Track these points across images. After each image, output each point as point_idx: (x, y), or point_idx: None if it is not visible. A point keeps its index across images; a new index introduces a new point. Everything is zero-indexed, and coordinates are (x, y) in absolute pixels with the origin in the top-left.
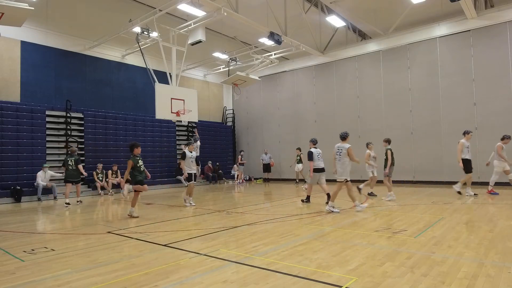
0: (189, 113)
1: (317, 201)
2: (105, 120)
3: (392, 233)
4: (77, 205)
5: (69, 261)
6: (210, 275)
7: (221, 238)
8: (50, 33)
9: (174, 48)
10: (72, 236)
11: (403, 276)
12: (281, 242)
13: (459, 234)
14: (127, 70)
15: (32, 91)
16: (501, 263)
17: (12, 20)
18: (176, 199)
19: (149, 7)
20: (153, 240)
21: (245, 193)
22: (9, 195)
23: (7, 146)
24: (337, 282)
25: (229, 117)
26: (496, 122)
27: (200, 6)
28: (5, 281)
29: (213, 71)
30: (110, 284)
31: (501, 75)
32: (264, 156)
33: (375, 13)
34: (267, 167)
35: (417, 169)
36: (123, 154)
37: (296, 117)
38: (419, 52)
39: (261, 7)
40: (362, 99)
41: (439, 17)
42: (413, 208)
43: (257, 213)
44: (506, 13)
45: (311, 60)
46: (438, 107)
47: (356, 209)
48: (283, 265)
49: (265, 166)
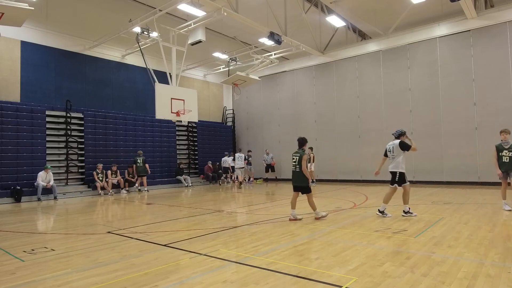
0: (189, 113)
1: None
2: (105, 120)
3: (392, 233)
4: (144, 193)
5: (69, 261)
6: (210, 275)
7: (221, 238)
8: (50, 33)
9: (174, 48)
10: (72, 236)
11: (403, 276)
12: (281, 242)
13: (459, 234)
14: (127, 70)
15: (32, 91)
16: (501, 263)
17: (12, 20)
18: (176, 199)
19: (149, 7)
20: (153, 240)
21: (245, 194)
22: (9, 195)
23: (7, 146)
24: (337, 282)
25: (229, 117)
26: (496, 122)
27: (200, 6)
28: (5, 281)
29: (213, 71)
30: (110, 284)
31: (501, 75)
32: (266, 156)
33: (375, 13)
34: (270, 167)
35: (417, 169)
36: (123, 154)
37: (296, 117)
38: (419, 52)
39: (261, 7)
40: (362, 99)
41: (439, 17)
42: (413, 208)
43: (257, 213)
44: (506, 13)
45: (311, 60)
46: (438, 107)
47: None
48: (283, 265)
49: (268, 167)
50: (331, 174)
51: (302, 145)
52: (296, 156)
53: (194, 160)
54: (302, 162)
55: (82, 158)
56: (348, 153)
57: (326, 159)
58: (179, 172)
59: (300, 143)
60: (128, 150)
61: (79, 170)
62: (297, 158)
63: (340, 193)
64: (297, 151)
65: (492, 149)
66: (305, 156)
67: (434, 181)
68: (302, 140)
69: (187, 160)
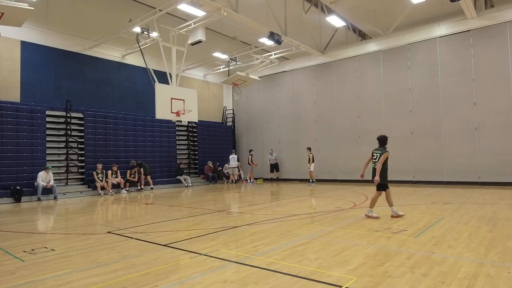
0: (189, 113)
1: (319, 201)
2: (105, 120)
3: (392, 233)
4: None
5: (69, 261)
6: (210, 275)
7: (221, 238)
8: (50, 33)
9: (174, 48)
10: (72, 236)
11: (403, 276)
12: (281, 242)
13: (459, 234)
14: (127, 70)
15: (32, 91)
16: (501, 263)
17: (12, 20)
18: (176, 199)
19: (149, 7)
20: (153, 240)
21: (245, 194)
22: (9, 195)
23: (7, 146)
24: (337, 282)
25: (229, 117)
26: (496, 122)
27: (200, 6)
28: (5, 281)
29: (213, 71)
30: (110, 284)
31: (501, 75)
32: (270, 156)
33: (375, 13)
34: (275, 167)
35: (417, 169)
36: (123, 154)
37: (296, 117)
38: (419, 52)
39: (261, 7)
40: (362, 99)
41: (439, 17)
42: (413, 208)
43: (257, 213)
44: (506, 13)
45: (311, 60)
46: (438, 107)
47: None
48: (283, 265)
49: (272, 166)
50: (331, 174)
51: (384, 143)
52: (377, 153)
53: (194, 160)
54: (381, 159)
55: (82, 158)
56: (348, 153)
57: (326, 159)
58: (179, 172)
59: (382, 141)
60: (128, 150)
61: (79, 170)
62: (378, 155)
63: (340, 193)
64: (378, 149)
65: (492, 149)
66: (386, 154)
67: (434, 181)
68: (384, 138)
69: (187, 160)
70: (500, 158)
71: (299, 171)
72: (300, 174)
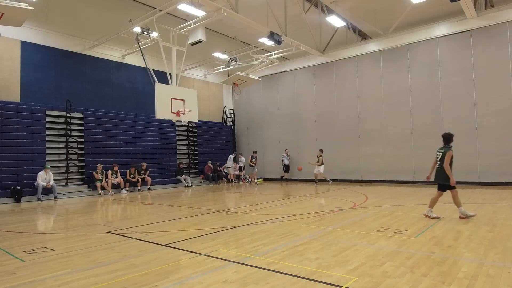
0: (189, 113)
1: (319, 201)
2: (105, 120)
3: (392, 233)
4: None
5: (69, 261)
6: (210, 275)
7: (221, 238)
8: (50, 33)
9: (174, 48)
10: (72, 236)
11: (403, 276)
12: (281, 242)
13: (459, 234)
14: (127, 70)
15: (32, 91)
16: (501, 263)
17: (12, 20)
18: (176, 199)
19: (149, 7)
20: (153, 240)
21: (245, 194)
22: (9, 195)
23: (7, 146)
24: (337, 282)
25: (229, 117)
26: (496, 122)
27: (200, 6)
28: (5, 281)
29: (213, 71)
30: (110, 284)
31: (501, 75)
32: (285, 157)
33: (375, 13)
34: (287, 167)
35: (417, 169)
36: (123, 154)
37: (296, 117)
38: (419, 52)
39: (261, 7)
40: (362, 99)
41: (439, 17)
42: (413, 208)
43: (257, 213)
44: (506, 13)
45: (311, 60)
46: (438, 107)
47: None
48: (283, 265)
49: (286, 166)
50: (331, 174)
51: (449, 141)
52: (440, 152)
53: (194, 160)
54: (446, 158)
55: (82, 158)
56: (348, 153)
57: (326, 159)
58: (179, 172)
59: (447, 139)
60: (128, 150)
61: (79, 170)
62: (441, 154)
63: (340, 193)
64: (442, 147)
65: (492, 149)
66: (449, 152)
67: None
68: (448, 136)
69: (187, 160)
70: (500, 158)
71: (299, 171)
72: (300, 174)
